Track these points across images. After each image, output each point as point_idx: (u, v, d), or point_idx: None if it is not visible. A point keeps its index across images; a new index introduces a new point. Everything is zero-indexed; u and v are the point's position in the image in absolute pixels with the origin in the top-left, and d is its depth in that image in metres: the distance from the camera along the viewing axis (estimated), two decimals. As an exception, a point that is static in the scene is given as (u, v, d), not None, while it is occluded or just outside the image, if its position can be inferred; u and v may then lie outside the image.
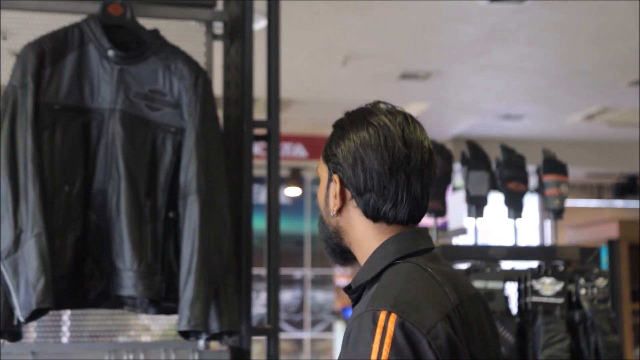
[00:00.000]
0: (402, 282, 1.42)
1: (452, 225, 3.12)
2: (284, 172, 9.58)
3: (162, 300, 2.40)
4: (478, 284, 2.63)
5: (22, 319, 2.21)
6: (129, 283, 2.32)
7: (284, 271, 9.76)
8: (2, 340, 2.39)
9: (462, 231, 3.16)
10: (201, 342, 2.54)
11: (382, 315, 1.35)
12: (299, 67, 6.51)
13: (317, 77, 7.05)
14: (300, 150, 9.55)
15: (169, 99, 2.43)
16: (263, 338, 2.70)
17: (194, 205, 2.36)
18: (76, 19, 2.50)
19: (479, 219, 2.92)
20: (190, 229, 2.35)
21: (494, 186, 2.92)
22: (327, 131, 1.59)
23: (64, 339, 2.84)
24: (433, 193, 2.89)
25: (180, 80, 2.43)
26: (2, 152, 2.26)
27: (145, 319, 3.07)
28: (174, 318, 2.52)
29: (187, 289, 2.31)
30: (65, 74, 2.38)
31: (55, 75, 2.37)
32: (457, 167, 3.01)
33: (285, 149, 9.25)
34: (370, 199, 1.48)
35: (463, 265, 2.79)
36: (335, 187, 1.52)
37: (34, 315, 2.24)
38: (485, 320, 1.53)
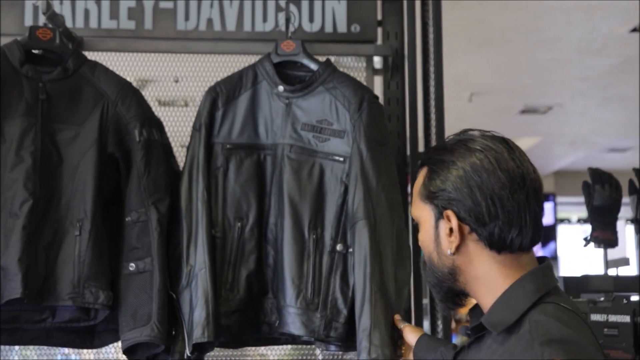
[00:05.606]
0: (560, 327, 1.32)
1: (611, 255, 3.02)
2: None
3: (322, 338, 2.27)
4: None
5: (188, 353, 2.23)
6: (288, 319, 2.28)
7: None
8: None
9: (624, 262, 3.04)
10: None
11: None
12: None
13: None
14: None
15: (336, 127, 2.37)
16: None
17: (363, 231, 2.22)
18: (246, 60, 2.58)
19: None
20: (361, 256, 2.21)
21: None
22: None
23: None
24: (604, 223, 2.85)
25: (346, 106, 2.36)
26: (183, 194, 2.34)
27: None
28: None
29: (363, 319, 2.15)
30: (238, 113, 2.42)
31: (227, 116, 2.41)
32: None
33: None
34: (495, 227, 1.40)
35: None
36: (449, 224, 1.44)
37: (200, 350, 2.25)
38: None
